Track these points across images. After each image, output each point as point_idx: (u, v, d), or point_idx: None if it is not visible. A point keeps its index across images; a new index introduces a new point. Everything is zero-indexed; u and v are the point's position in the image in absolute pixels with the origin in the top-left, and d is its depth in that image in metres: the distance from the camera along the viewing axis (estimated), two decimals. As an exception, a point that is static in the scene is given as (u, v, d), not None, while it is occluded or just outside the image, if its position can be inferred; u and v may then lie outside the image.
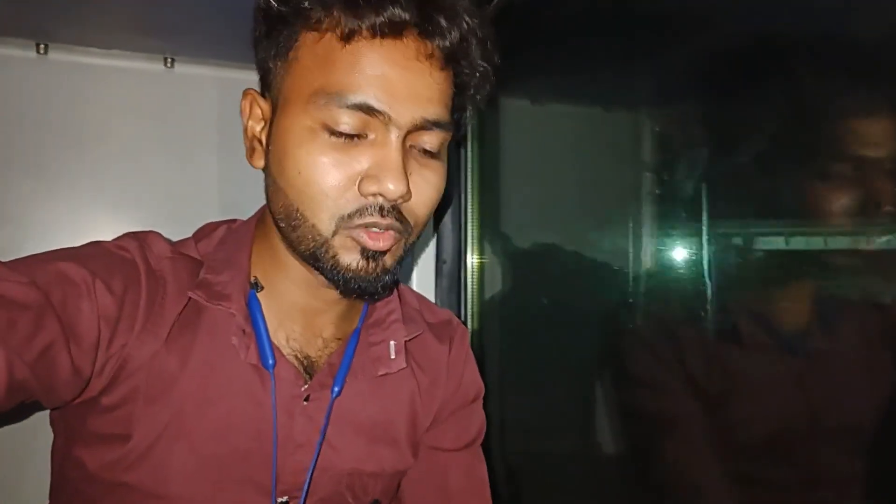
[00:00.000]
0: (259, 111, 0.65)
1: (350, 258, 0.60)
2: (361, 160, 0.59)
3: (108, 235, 0.69)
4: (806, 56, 0.72)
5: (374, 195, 0.58)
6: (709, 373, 0.88)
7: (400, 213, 0.60)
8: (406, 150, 0.60)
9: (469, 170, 1.11)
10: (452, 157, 1.10)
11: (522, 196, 1.22)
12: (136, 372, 0.62)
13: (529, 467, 1.17)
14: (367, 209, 0.59)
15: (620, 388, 1.08)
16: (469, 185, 1.11)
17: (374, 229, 0.60)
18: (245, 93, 0.67)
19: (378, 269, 0.61)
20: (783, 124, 0.78)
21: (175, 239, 0.72)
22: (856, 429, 0.69)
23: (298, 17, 0.59)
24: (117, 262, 0.64)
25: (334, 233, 0.60)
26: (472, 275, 1.14)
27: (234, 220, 0.75)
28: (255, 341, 0.65)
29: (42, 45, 0.95)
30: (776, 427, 0.77)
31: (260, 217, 0.71)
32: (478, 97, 0.67)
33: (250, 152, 0.66)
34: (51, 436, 0.69)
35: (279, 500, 0.67)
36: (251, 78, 0.69)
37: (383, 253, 0.61)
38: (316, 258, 0.61)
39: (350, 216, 0.59)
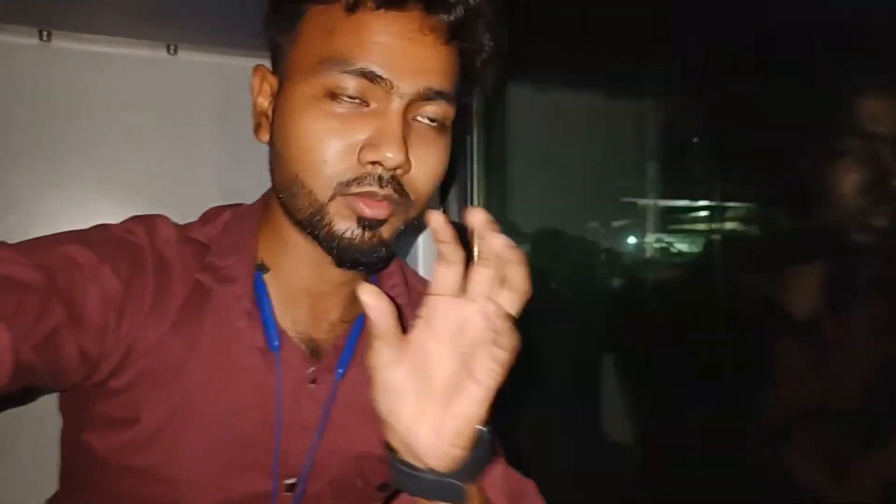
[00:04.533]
0: (268, 87, 0.66)
1: (345, 226, 0.60)
2: (362, 129, 0.58)
3: (110, 221, 0.68)
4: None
5: (372, 164, 0.58)
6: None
7: (399, 184, 0.60)
8: (409, 121, 0.60)
9: (475, 155, 1.10)
10: (458, 142, 1.10)
11: (528, 181, 1.22)
12: (143, 356, 0.62)
13: (536, 455, 1.17)
14: (365, 178, 0.58)
15: (631, 373, 1.07)
16: (475, 171, 1.10)
17: (371, 198, 0.59)
18: (255, 69, 0.67)
19: (374, 240, 0.61)
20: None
21: (178, 225, 0.72)
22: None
23: None
24: (124, 246, 0.64)
25: (331, 198, 0.59)
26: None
27: (240, 204, 0.74)
28: (261, 324, 0.65)
29: (45, 32, 0.94)
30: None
31: (264, 200, 0.71)
32: (485, 79, 0.67)
33: (256, 127, 0.66)
34: (59, 421, 0.69)
35: (286, 481, 0.67)
36: (253, 65, 0.68)
37: (381, 223, 0.60)
38: (312, 225, 0.61)
39: (348, 184, 0.59)
